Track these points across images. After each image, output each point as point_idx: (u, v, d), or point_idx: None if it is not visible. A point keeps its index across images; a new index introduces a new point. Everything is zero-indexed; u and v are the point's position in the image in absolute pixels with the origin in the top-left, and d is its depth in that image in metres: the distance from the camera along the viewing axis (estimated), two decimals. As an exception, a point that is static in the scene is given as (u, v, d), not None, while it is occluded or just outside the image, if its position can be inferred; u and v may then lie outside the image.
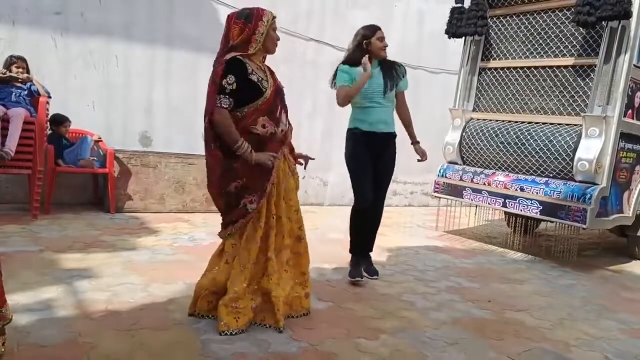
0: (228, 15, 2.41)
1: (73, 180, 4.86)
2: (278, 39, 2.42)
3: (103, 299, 2.51)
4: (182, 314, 2.42)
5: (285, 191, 2.46)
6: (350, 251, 3.35)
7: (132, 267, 3.09)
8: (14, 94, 4.23)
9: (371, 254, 3.42)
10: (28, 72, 4.34)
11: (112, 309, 2.41)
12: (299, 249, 2.54)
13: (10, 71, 4.23)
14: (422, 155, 3.42)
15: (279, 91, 2.43)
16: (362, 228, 3.30)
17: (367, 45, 3.15)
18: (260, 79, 2.31)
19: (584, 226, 3.89)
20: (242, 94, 2.26)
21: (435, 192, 5.03)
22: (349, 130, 3.28)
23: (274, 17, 2.40)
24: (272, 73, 2.45)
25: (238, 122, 2.28)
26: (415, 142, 3.45)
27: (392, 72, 3.24)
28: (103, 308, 2.41)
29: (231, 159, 2.29)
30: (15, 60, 4.27)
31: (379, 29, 3.20)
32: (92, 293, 2.58)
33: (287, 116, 2.47)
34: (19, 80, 4.26)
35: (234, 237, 2.40)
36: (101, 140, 4.86)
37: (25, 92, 4.29)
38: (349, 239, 3.36)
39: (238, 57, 2.28)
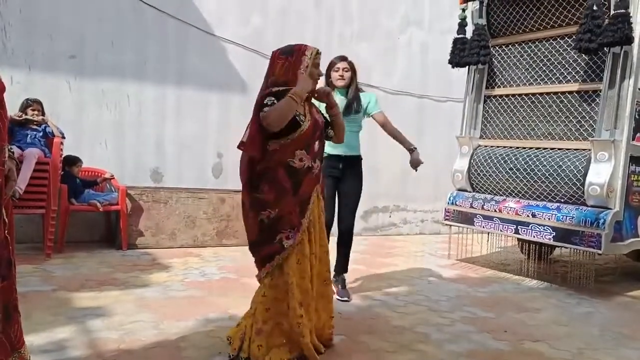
0: (273, 52, 2.43)
1: (86, 218, 4.92)
2: (320, 75, 2.44)
3: (115, 338, 2.51)
4: (193, 352, 2.40)
5: (320, 231, 2.45)
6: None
7: (144, 304, 3.09)
8: (29, 135, 4.35)
9: (346, 275, 3.57)
10: (43, 114, 4.47)
11: (124, 347, 2.41)
12: (327, 292, 2.53)
13: (26, 114, 4.36)
14: (415, 165, 3.44)
15: (317, 126, 2.41)
16: None
17: (327, 76, 3.42)
18: (297, 113, 2.31)
19: (599, 252, 3.83)
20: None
21: (445, 219, 5.00)
22: None
23: (318, 53, 2.39)
24: (311, 107, 2.46)
25: (275, 154, 2.28)
26: (410, 150, 3.47)
27: (354, 100, 3.42)
28: (115, 347, 2.41)
29: (256, 192, 2.30)
30: (31, 103, 4.41)
31: (338, 61, 3.44)
32: (105, 332, 2.59)
33: (323, 152, 2.50)
34: (35, 122, 4.39)
35: (274, 276, 2.30)
36: (113, 178, 4.95)
37: (41, 134, 4.41)
38: None
39: (274, 90, 2.30)
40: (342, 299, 3.39)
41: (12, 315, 1.61)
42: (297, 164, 2.30)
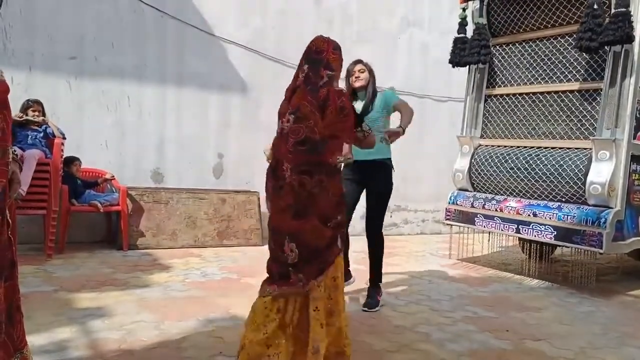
0: (321, 39, 2.20)
1: (87, 219, 4.92)
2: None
3: (116, 338, 2.51)
4: (194, 352, 2.40)
5: None
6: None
7: (145, 304, 3.09)
8: (30, 136, 4.35)
9: (375, 284, 3.39)
10: (44, 115, 4.47)
11: (125, 348, 2.40)
12: None
13: (27, 115, 4.37)
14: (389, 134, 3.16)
15: None
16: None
17: (348, 82, 3.43)
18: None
19: (601, 251, 3.83)
20: None
21: (447, 219, 5.00)
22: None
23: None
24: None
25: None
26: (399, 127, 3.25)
27: (370, 100, 3.37)
28: (116, 347, 2.40)
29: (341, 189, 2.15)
30: (31, 104, 4.41)
31: (353, 65, 3.42)
32: (106, 332, 2.59)
33: None
34: (35, 123, 4.39)
35: (322, 285, 2.09)
36: (114, 179, 4.95)
37: (41, 135, 4.41)
38: None
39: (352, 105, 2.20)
40: (363, 308, 3.27)
41: (14, 316, 1.62)
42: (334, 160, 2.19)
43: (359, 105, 3.39)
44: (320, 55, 2.15)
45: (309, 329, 2.03)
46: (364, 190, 3.41)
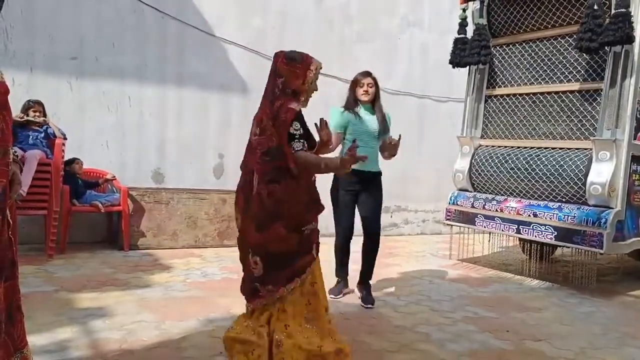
0: (277, 53, 2.30)
1: (88, 219, 4.93)
2: (315, 90, 2.33)
3: (117, 338, 2.51)
4: (195, 352, 2.40)
5: None
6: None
7: (145, 304, 3.10)
8: (30, 137, 4.36)
9: (371, 282, 3.56)
10: (45, 115, 4.48)
11: (126, 348, 2.41)
12: None
13: (28, 115, 4.37)
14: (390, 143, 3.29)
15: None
16: (340, 259, 3.58)
17: (354, 91, 3.47)
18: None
19: (601, 251, 3.83)
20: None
21: (447, 219, 5.00)
22: None
23: (321, 67, 2.31)
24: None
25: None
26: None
27: (383, 117, 3.48)
28: (117, 347, 2.41)
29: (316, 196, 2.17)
30: (32, 105, 4.42)
31: (362, 77, 3.46)
32: (107, 332, 2.59)
33: None
34: (36, 123, 4.39)
35: (296, 291, 2.13)
36: (115, 179, 4.95)
37: (42, 135, 4.41)
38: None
39: (297, 109, 2.21)
40: (367, 305, 3.35)
41: (15, 316, 1.62)
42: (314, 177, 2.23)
43: (362, 114, 3.41)
44: (272, 66, 2.29)
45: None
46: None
